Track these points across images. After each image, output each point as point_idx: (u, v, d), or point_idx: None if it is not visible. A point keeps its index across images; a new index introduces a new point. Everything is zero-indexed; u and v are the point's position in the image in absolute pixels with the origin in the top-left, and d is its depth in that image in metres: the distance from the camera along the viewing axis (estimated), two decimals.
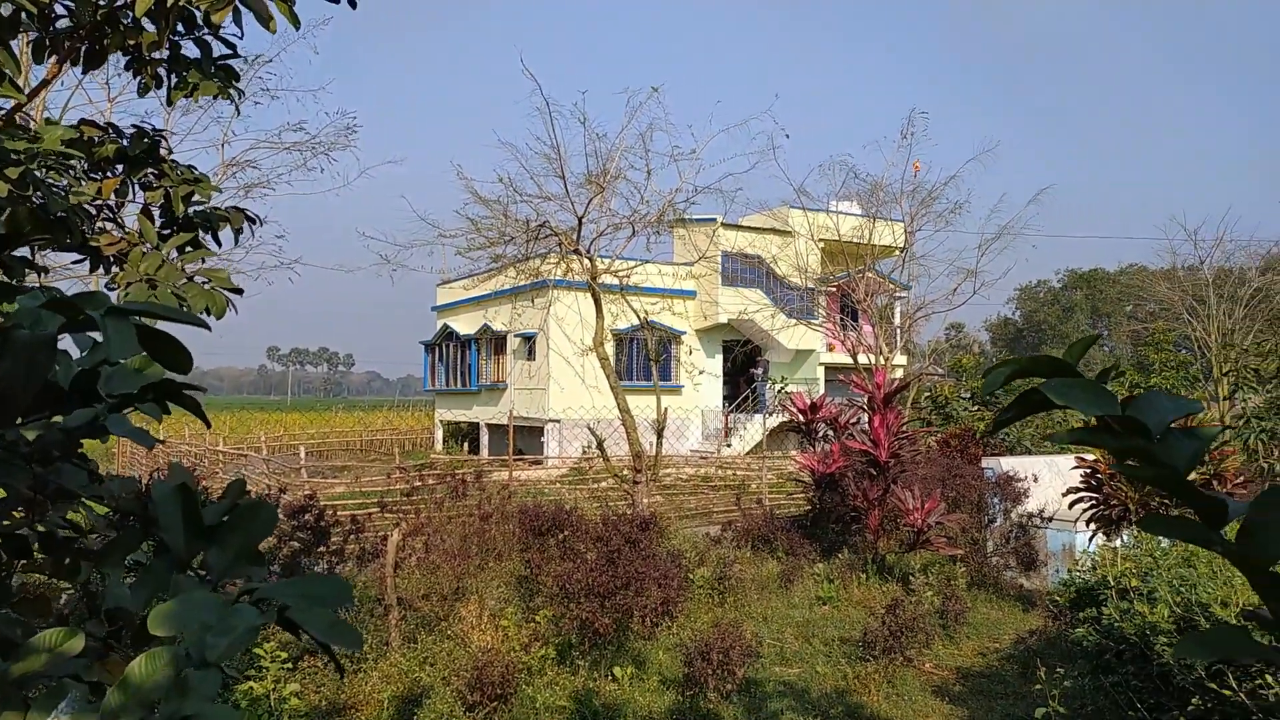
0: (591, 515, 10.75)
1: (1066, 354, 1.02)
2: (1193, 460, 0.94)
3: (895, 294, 25.45)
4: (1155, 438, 0.94)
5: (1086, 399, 0.94)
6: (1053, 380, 0.97)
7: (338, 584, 1.25)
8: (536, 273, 14.53)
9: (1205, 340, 22.66)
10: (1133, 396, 0.96)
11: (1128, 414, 0.94)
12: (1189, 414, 0.99)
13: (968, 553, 11.58)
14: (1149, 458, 0.94)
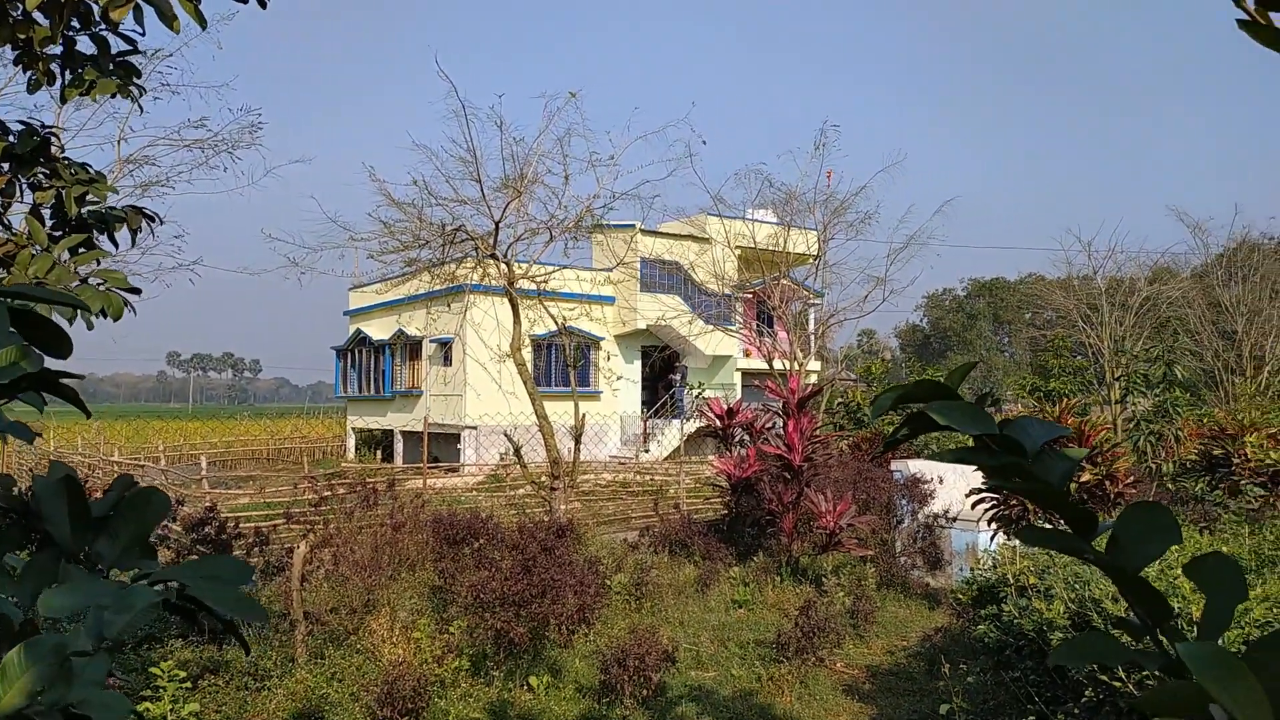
0: (508, 523, 10.64)
1: (948, 379, 1.07)
2: (1065, 477, 0.99)
3: (809, 301, 25.99)
4: (1030, 457, 0.99)
5: (966, 420, 0.99)
6: (937, 403, 1.02)
7: (237, 564, 1.30)
8: (452, 277, 14.32)
9: (1099, 346, 23.84)
10: (1008, 419, 1.02)
11: (1005, 434, 1.00)
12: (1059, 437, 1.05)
13: (878, 553, 11.87)
14: (1026, 474, 0.99)
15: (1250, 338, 26.33)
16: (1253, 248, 29.38)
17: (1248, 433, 9.10)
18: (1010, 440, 1.00)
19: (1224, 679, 0.79)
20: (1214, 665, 0.80)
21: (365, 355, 31.94)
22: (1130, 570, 0.97)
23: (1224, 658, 0.80)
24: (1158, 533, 1.00)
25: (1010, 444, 1.00)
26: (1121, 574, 0.99)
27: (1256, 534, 6.60)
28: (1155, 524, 1.00)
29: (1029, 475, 1.00)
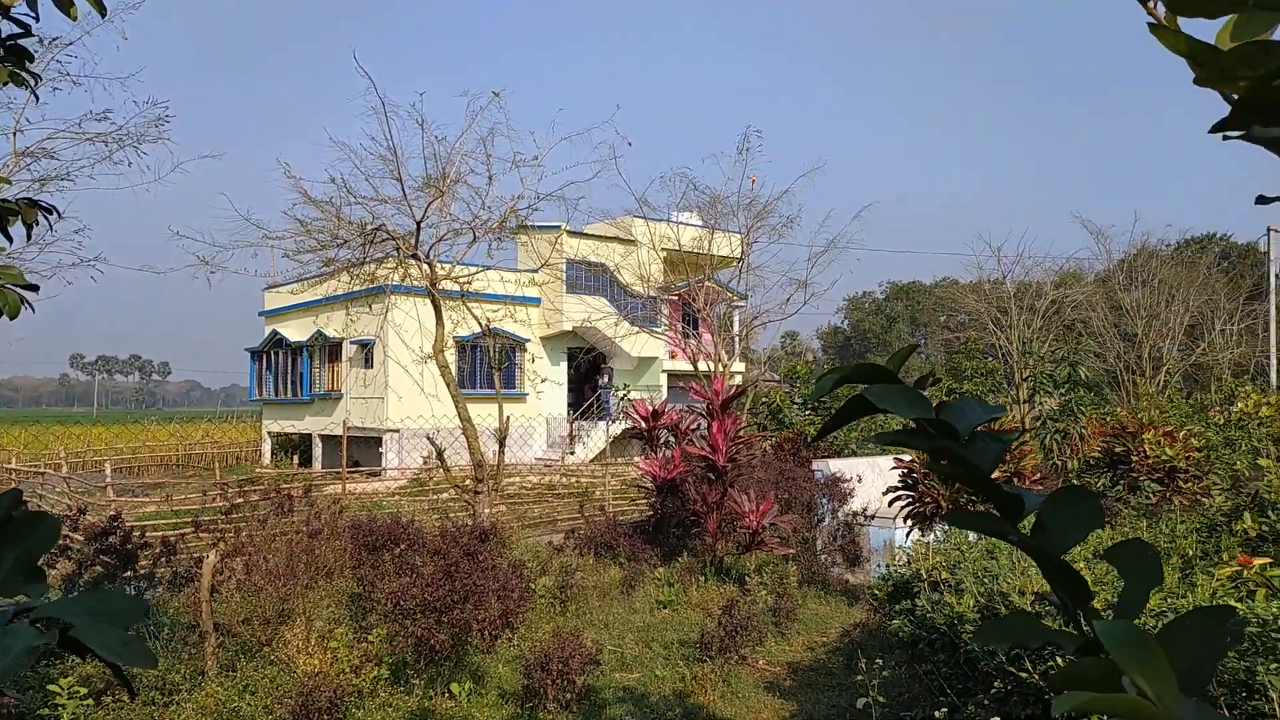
0: (431, 528, 10.46)
1: (888, 362, 1.07)
2: (995, 460, 1.02)
3: (734, 303, 26.28)
4: (963, 440, 1.01)
5: (904, 404, 0.99)
6: (874, 386, 1.02)
7: (129, 600, 1.18)
8: (373, 278, 14.03)
9: (1008, 348, 24.75)
10: (945, 402, 1.03)
11: (940, 418, 1.01)
12: (993, 418, 1.07)
13: (799, 551, 12.07)
14: (957, 458, 1.01)
15: (1149, 340, 27.68)
16: (1151, 253, 30.90)
17: (1146, 431, 9.56)
18: (945, 425, 1.01)
19: (1137, 656, 0.83)
20: (1129, 643, 0.84)
21: (282, 357, 31.05)
22: (1054, 553, 1.00)
23: (1138, 636, 0.84)
24: (1081, 517, 1.03)
25: (945, 428, 1.02)
26: (1045, 557, 1.01)
27: (1154, 528, 6.93)
28: (1079, 509, 1.03)
29: (960, 459, 1.02)
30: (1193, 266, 30.94)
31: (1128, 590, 1.03)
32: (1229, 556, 5.16)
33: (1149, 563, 1.03)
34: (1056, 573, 1.02)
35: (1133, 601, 1.02)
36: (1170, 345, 27.88)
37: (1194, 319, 29.26)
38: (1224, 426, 14.42)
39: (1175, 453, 9.08)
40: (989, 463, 1.03)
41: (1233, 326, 30.55)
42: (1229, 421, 14.20)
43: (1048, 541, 1.01)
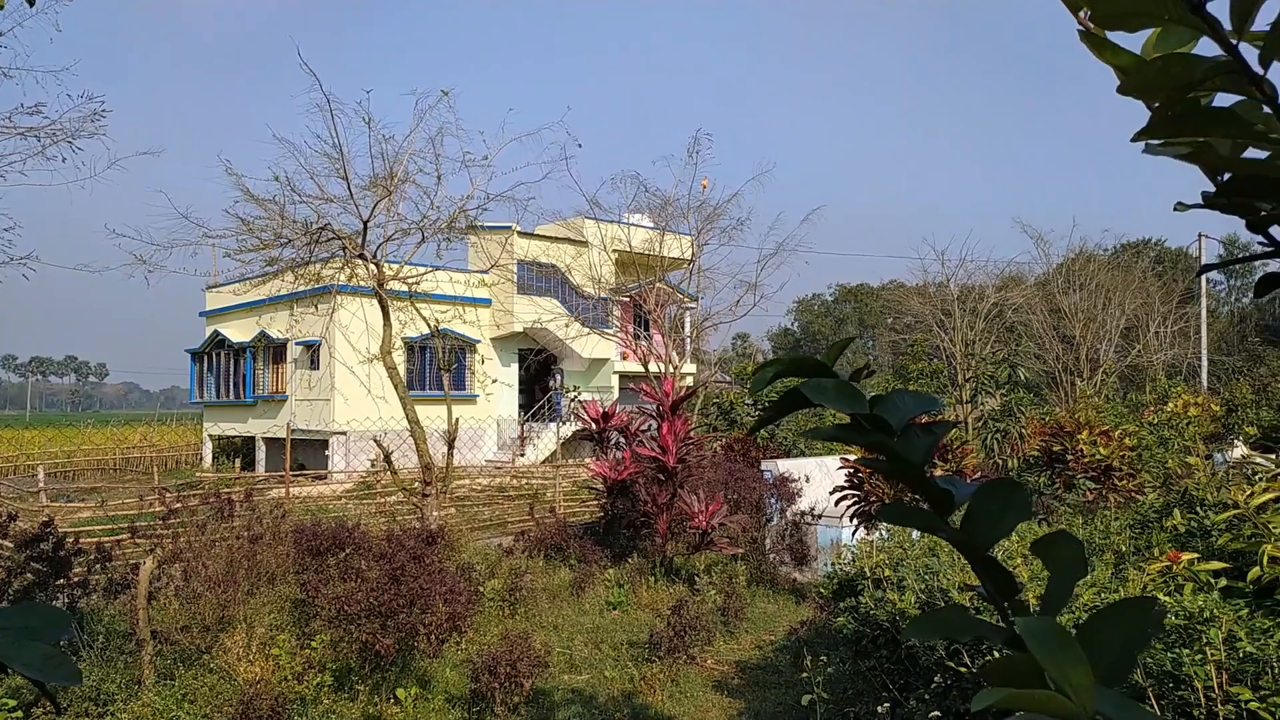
0: (377, 531, 10.32)
1: (825, 355, 1.07)
2: (927, 452, 1.03)
3: (684, 305, 26.39)
4: (897, 434, 1.02)
5: (839, 398, 1.00)
6: (810, 381, 1.02)
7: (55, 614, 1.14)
8: (318, 278, 13.78)
9: (951, 350, 25.26)
10: (879, 396, 1.04)
11: (875, 412, 1.02)
12: (927, 411, 1.09)
13: (748, 551, 12.17)
14: (890, 452, 1.03)
15: (1087, 342, 28.48)
16: (1089, 258, 31.80)
17: (1082, 430, 9.83)
18: (879, 419, 1.02)
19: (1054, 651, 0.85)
20: (1046, 638, 0.86)
21: (224, 358, 30.34)
22: (982, 546, 1.02)
23: (1056, 631, 0.87)
24: (1009, 510, 1.05)
25: (879, 422, 1.02)
26: (973, 550, 1.03)
27: (1089, 524, 7.13)
28: (1008, 501, 1.05)
29: (893, 453, 1.03)
30: (1128, 271, 31.92)
31: (1053, 584, 1.06)
32: (1159, 552, 5.33)
33: (1074, 556, 1.06)
34: (984, 566, 1.05)
35: (1058, 595, 1.05)
36: (1107, 347, 28.72)
37: (1129, 322, 30.20)
38: (1157, 426, 14.91)
39: (1109, 452, 9.35)
40: (921, 455, 1.04)
41: (1166, 329, 31.60)
42: (1162, 421, 14.67)
43: (977, 534, 1.03)
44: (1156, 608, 1.07)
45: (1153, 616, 1.03)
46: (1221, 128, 0.97)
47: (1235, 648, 3.58)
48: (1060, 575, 1.06)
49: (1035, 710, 0.87)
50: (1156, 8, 0.91)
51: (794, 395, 1.05)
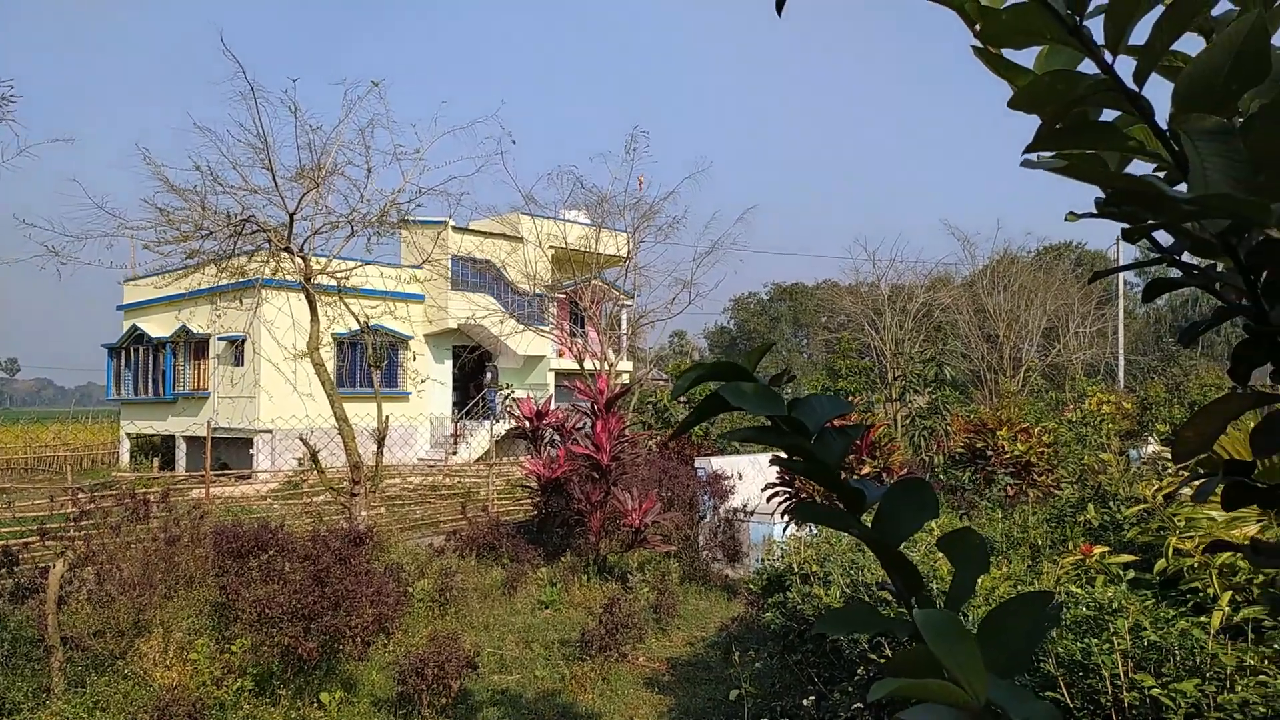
0: (303, 532, 10.07)
1: (745, 359, 1.08)
2: (841, 454, 1.04)
3: (621, 302, 26.38)
4: (814, 435, 1.03)
5: (757, 402, 1.00)
6: (730, 385, 1.03)
7: None
8: (242, 271, 13.38)
9: (882, 349, 25.78)
10: (797, 399, 1.04)
11: (792, 415, 1.02)
12: (842, 414, 1.09)
13: (681, 548, 12.23)
14: (806, 454, 1.03)
15: (1010, 341, 29.36)
16: (1013, 259, 32.79)
17: (1002, 428, 10.13)
18: (796, 422, 1.03)
19: (949, 642, 0.86)
20: (942, 631, 0.87)
21: (143, 354, 29.29)
22: (893, 543, 1.03)
23: (951, 624, 0.88)
24: (918, 507, 1.07)
25: (796, 425, 1.03)
26: (882, 547, 1.04)
27: (1008, 519, 7.34)
28: (917, 499, 1.07)
29: (809, 455, 1.04)
30: (1050, 272, 33.01)
31: (958, 578, 1.07)
32: (1073, 545, 5.52)
33: (977, 551, 1.08)
34: (893, 563, 1.06)
35: (962, 588, 1.07)
36: (1029, 346, 29.65)
37: (1051, 322, 31.24)
38: (1076, 423, 15.44)
39: (1027, 448, 9.65)
40: (835, 457, 1.05)
41: (1086, 329, 32.77)
42: (1079, 419, 15.20)
43: (887, 532, 1.05)
44: (1053, 602, 1.10)
45: (1049, 610, 1.06)
46: (1104, 141, 1.00)
47: (1140, 637, 3.71)
48: (964, 569, 1.08)
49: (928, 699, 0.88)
50: (1039, 28, 0.93)
51: (715, 399, 1.05)
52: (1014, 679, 0.96)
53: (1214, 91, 0.85)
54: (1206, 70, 0.85)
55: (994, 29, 0.95)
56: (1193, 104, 0.88)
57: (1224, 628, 3.79)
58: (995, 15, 0.94)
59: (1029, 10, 0.89)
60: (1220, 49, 0.84)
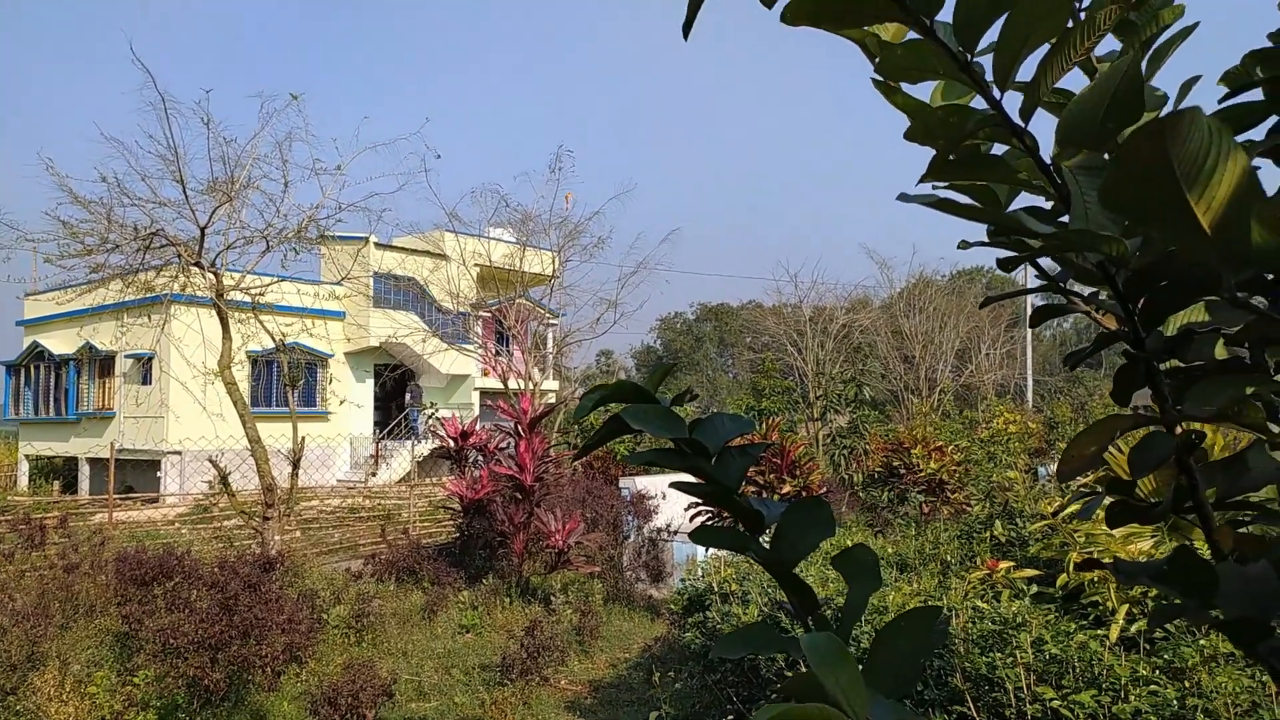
0: (212, 558, 9.72)
1: (647, 381, 1.08)
2: (741, 475, 1.06)
3: (547, 321, 26.29)
4: (714, 457, 1.04)
5: (658, 424, 1.01)
6: (631, 407, 1.03)
7: None
8: (150, 286, 12.90)
9: (804, 369, 26.27)
10: (699, 420, 1.05)
11: (693, 436, 1.03)
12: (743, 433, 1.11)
13: (605, 569, 12.19)
14: (707, 475, 1.04)
15: (926, 362, 30.25)
16: (928, 283, 33.85)
17: (915, 446, 10.42)
18: (697, 443, 1.04)
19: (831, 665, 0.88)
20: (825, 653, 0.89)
21: (43, 372, 27.91)
22: (789, 564, 1.05)
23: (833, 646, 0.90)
24: (815, 526, 1.08)
25: (698, 446, 1.04)
26: (779, 568, 1.05)
27: (921, 535, 7.54)
28: (813, 518, 1.08)
29: (709, 477, 1.05)
30: (962, 296, 34.16)
31: (851, 595, 1.10)
32: (981, 561, 5.70)
33: (869, 569, 1.11)
34: (788, 583, 1.08)
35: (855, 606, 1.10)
36: (944, 367, 30.59)
37: (963, 344, 32.30)
38: (987, 442, 15.97)
39: (939, 466, 9.94)
40: (735, 479, 1.07)
41: (996, 351, 33.97)
42: (990, 437, 15.73)
43: (785, 552, 1.07)
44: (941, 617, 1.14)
45: (936, 626, 1.10)
46: (994, 174, 1.05)
47: (1042, 650, 3.85)
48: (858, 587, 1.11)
49: None
50: (933, 64, 0.97)
51: (616, 421, 1.06)
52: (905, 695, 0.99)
53: (1092, 129, 0.90)
54: (1086, 108, 0.90)
55: (890, 64, 0.98)
56: (1073, 140, 0.92)
57: (1121, 640, 3.96)
58: (891, 50, 0.96)
59: (922, 47, 0.92)
60: (1098, 89, 0.89)
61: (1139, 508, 1.18)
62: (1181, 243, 0.85)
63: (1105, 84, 0.88)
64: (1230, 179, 0.79)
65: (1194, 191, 0.80)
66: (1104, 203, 0.91)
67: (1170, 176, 0.80)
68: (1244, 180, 0.79)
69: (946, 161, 1.01)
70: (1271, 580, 0.89)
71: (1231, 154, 0.79)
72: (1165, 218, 0.84)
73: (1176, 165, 0.79)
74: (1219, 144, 0.78)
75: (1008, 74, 0.94)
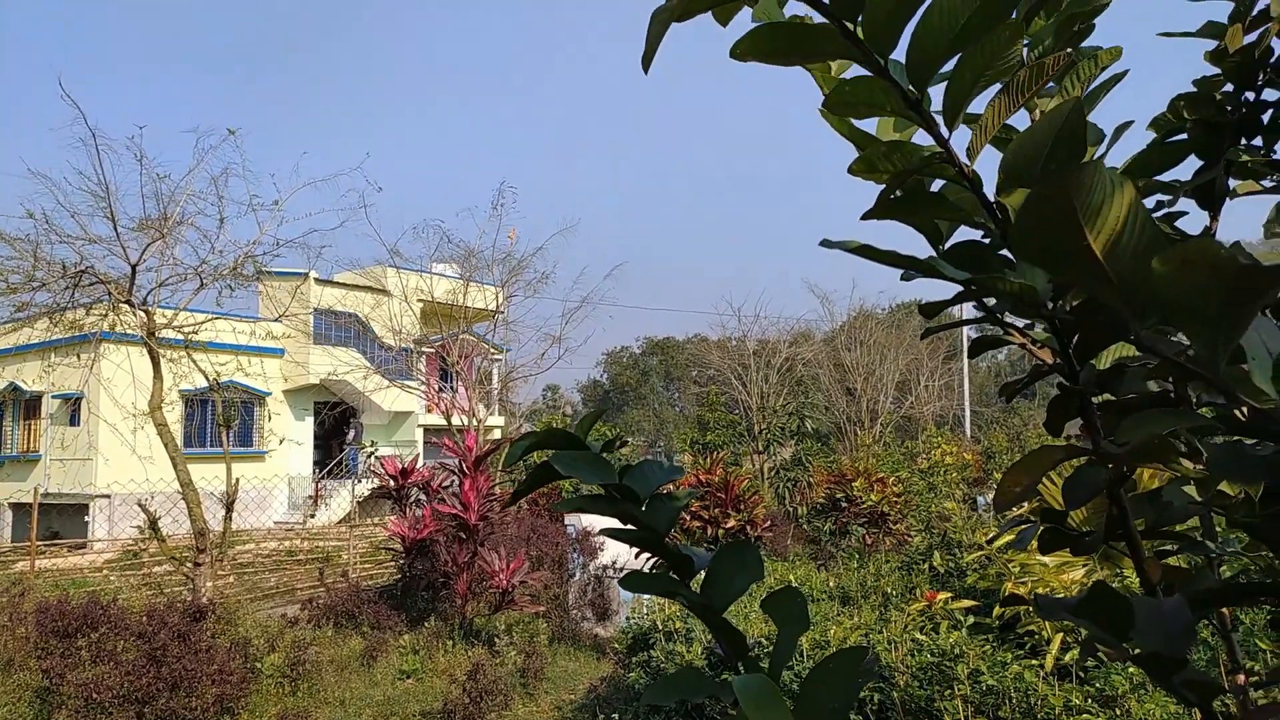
0: (141, 606, 9.34)
1: (577, 427, 1.08)
2: (670, 521, 1.05)
3: (491, 356, 26.10)
4: (645, 502, 1.03)
5: (588, 470, 1.00)
6: (560, 453, 1.02)
7: None
8: (78, 325, 12.49)
9: (748, 402, 26.47)
10: (629, 466, 1.05)
11: (624, 483, 1.02)
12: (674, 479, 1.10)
13: (551, 608, 12.01)
14: (636, 521, 1.03)
15: (867, 394, 30.75)
16: (868, 316, 34.53)
17: (857, 479, 10.54)
18: (627, 489, 1.03)
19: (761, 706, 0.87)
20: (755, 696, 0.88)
21: None
22: (720, 608, 1.04)
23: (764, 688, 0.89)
24: (744, 570, 1.08)
25: (628, 493, 1.03)
26: (707, 612, 1.05)
27: (863, 567, 7.61)
28: (743, 562, 1.08)
29: (638, 522, 1.04)
30: (901, 329, 34.90)
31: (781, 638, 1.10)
32: (921, 593, 5.76)
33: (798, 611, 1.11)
34: (717, 627, 1.07)
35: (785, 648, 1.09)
36: (885, 399, 31.11)
37: (903, 375, 32.93)
38: (927, 472, 16.23)
39: (880, 498, 10.06)
40: (664, 525, 1.07)
41: (934, 382, 34.70)
42: (928, 468, 16.00)
43: (715, 596, 1.06)
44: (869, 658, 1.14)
45: (865, 665, 1.10)
46: (937, 210, 1.07)
47: (980, 681, 3.90)
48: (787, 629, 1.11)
49: None
50: (881, 100, 0.98)
51: (546, 468, 1.05)
52: None
53: (1035, 167, 0.92)
54: (1030, 147, 0.91)
55: (839, 98, 0.98)
56: (1016, 179, 0.94)
57: (1055, 668, 4.03)
58: (840, 85, 0.97)
59: (872, 83, 0.92)
60: (1042, 128, 0.90)
61: (1071, 537, 1.20)
62: (1091, 288, 0.88)
63: (1049, 123, 0.89)
64: (1133, 230, 0.82)
65: (1098, 240, 0.83)
66: (1013, 250, 0.94)
67: (1075, 226, 0.82)
68: (1144, 231, 0.82)
69: (891, 197, 1.03)
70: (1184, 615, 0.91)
71: (1133, 206, 0.81)
72: (1074, 265, 0.86)
73: (1081, 215, 0.82)
74: (1120, 195, 0.81)
75: (957, 113, 0.95)
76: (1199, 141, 1.29)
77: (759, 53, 0.92)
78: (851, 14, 0.92)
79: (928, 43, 0.91)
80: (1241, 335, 0.80)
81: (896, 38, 0.92)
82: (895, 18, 0.90)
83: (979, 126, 0.99)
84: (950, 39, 0.89)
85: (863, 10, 0.91)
